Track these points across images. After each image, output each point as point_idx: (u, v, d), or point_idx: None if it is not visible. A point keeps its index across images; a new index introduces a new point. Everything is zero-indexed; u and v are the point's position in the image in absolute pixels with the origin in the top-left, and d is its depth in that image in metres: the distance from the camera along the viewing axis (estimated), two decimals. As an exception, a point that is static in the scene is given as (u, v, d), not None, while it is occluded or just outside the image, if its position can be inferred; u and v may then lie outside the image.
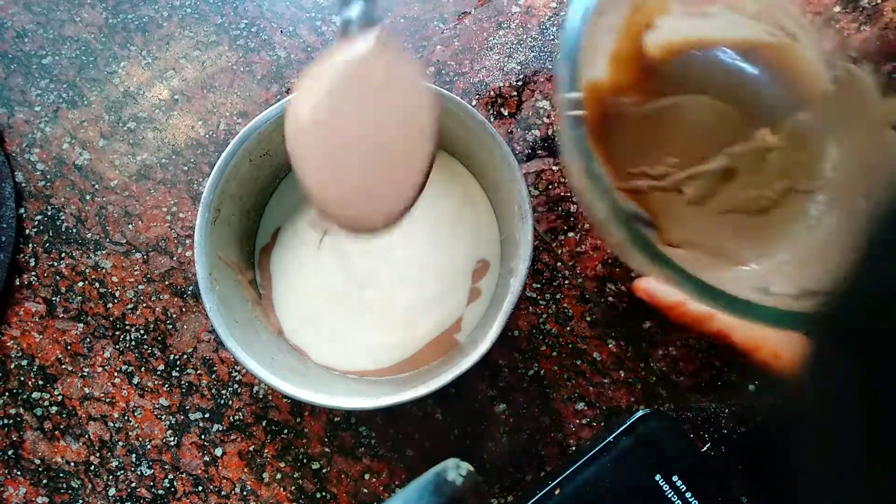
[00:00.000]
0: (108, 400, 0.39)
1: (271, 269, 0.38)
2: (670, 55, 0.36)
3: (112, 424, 0.39)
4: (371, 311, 0.37)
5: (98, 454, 0.38)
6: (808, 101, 0.35)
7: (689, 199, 0.34)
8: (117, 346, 0.40)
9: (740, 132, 0.35)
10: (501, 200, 0.36)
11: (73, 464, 0.38)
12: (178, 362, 0.39)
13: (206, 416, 0.39)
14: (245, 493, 0.38)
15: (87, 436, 0.39)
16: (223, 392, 0.39)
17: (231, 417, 0.39)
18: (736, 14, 0.36)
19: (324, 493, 0.38)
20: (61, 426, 0.39)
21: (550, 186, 0.40)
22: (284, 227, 0.38)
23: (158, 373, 0.39)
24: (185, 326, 0.40)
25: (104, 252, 0.41)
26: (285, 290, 0.38)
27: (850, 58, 0.34)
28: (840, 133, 0.35)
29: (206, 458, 0.38)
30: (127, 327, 0.40)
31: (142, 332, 0.40)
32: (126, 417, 0.39)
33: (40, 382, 0.39)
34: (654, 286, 0.32)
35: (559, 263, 0.40)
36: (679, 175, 0.35)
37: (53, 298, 0.40)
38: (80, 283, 0.40)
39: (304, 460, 0.38)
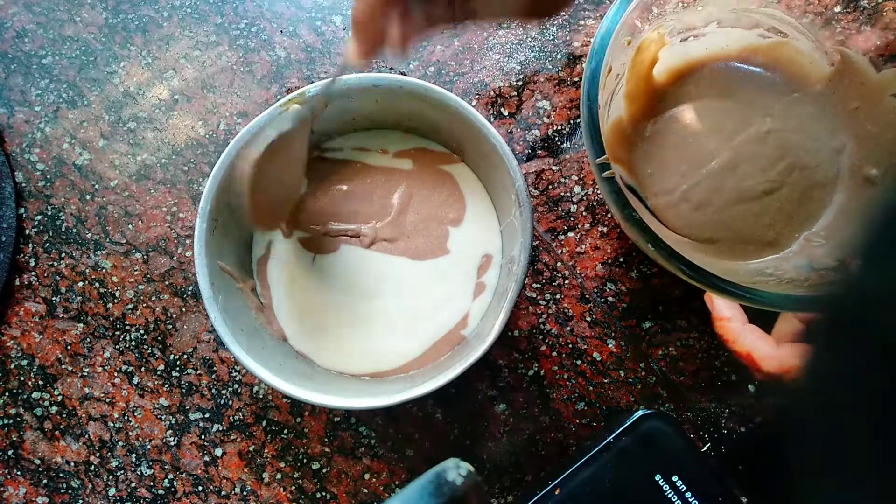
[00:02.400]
0: (108, 400, 0.39)
1: (269, 279, 0.38)
2: (676, 77, 0.39)
3: (112, 424, 0.39)
4: (375, 319, 0.37)
5: (98, 454, 0.38)
6: (809, 85, 0.38)
7: (694, 205, 0.37)
8: (117, 346, 0.40)
9: (742, 124, 0.38)
10: (499, 191, 0.37)
11: (73, 464, 0.38)
12: (178, 362, 0.39)
13: (206, 416, 0.39)
14: (245, 493, 0.38)
15: (87, 436, 0.39)
16: (223, 392, 0.39)
17: (231, 417, 0.39)
18: (727, 28, 0.38)
19: (324, 493, 0.38)
20: (61, 426, 0.39)
21: (550, 186, 0.40)
22: (276, 239, 0.38)
23: (158, 373, 0.39)
24: (185, 326, 0.40)
25: (104, 252, 0.41)
26: (285, 300, 0.37)
27: (838, 42, 0.36)
28: (841, 108, 0.37)
29: (206, 458, 0.38)
30: (127, 327, 0.40)
31: (142, 332, 0.40)
32: (126, 417, 0.39)
33: (40, 382, 0.39)
34: (717, 297, 0.34)
35: (559, 263, 0.40)
36: (684, 186, 0.37)
37: (53, 298, 0.40)
38: (80, 283, 0.40)
39: (304, 460, 0.38)
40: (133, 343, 0.40)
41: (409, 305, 0.37)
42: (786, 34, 0.38)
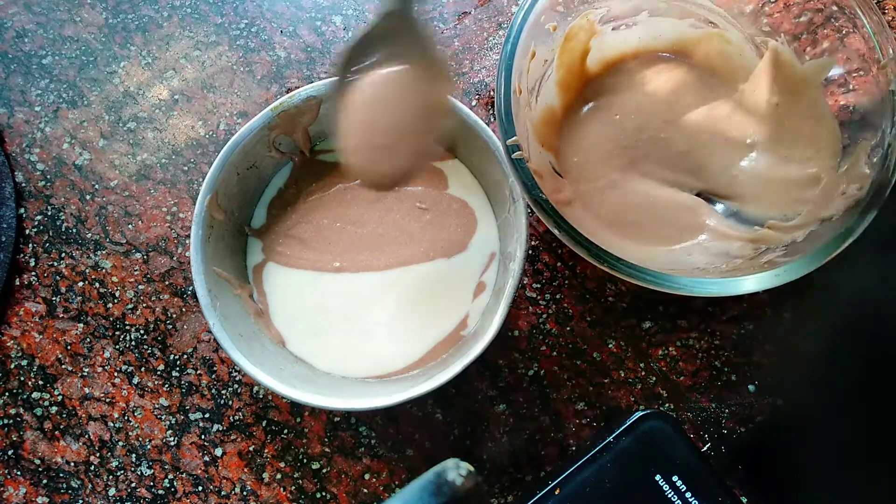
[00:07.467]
0: (108, 400, 0.39)
1: (265, 286, 0.38)
2: (609, 67, 0.39)
3: (112, 424, 0.39)
4: (375, 322, 0.37)
5: (98, 454, 0.38)
6: (735, 80, 0.38)
7: (617, 192, 0.38)
8: (117, 346, 0.40)
9: (664, 122, 0.38)
10: (493, 188, 0.37)
11: (73, 464, 0.38)
12: (178, 362, 0.39)
13: (206, 416, 0.39)
14: (245, 493, 0.38)
15: (87, 436, 0.39)
16: (223, 392, 0.39)
17: (231, 417, 0.39)
18: (658, 18, 0.38)
19: (324, 493, 0.38)
20: (61, 426, 0.39)
21: (550, 186, 0.40)
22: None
23: (158, 373, 0.39)
24: (185, 326, 0.40)
25: (104, 252, 0.41)
26: (282, 307, 0.37)
27: (765, 32, 0.37)
28: (761, 104, 0.38)
29: (206, 458, 0.38)
30: (127, 327, 0.40)
31: (142, 332, 0.40)
32: (126, 417, 0.39)
33: (40, 382, 0.39)
34: None
35: (559, 263, 0.40)
36: (607, 174, 0.38)
37: (53, 298, 0.40)
38: (80, 283, 0.40)
39: (304, 460, 0.38)
40: (133, 343, 0.40)
41: (410, 309, 0.37)
42: (716, 24, 0.38)
